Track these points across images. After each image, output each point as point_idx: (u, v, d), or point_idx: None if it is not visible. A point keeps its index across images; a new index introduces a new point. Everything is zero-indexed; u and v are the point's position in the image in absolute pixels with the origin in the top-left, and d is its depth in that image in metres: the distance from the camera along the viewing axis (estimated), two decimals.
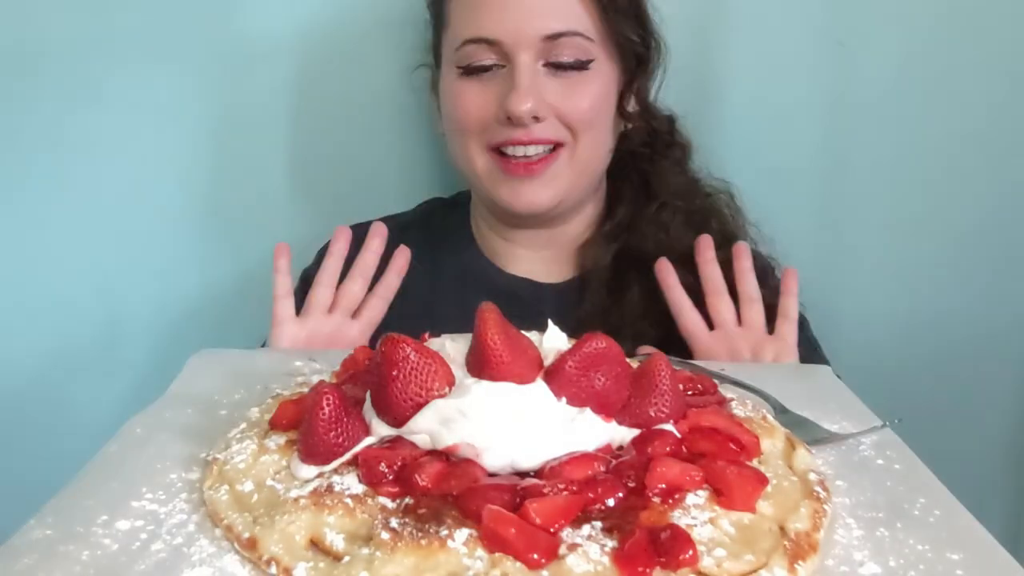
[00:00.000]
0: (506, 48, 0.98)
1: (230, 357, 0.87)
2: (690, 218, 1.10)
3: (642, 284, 1.05)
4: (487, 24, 0.98)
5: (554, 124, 1.00)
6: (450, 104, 1.04)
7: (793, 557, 0.51)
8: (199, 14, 1.15)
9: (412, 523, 0.51)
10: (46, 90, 1.16)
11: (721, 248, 1.06)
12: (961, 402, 1.24)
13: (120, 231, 1.21)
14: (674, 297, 1.02)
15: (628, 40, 1.01)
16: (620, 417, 0.62)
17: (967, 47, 1.16)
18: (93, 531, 0.54)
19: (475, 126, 1.01)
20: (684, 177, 1.13)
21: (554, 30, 0.97)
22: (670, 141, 1.12)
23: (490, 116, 1.00)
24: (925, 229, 1.22)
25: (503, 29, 0.97)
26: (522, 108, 0.96)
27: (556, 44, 0.98)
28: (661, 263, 1.04)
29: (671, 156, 1.12)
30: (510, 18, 0.97)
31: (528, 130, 0.99)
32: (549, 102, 0.99)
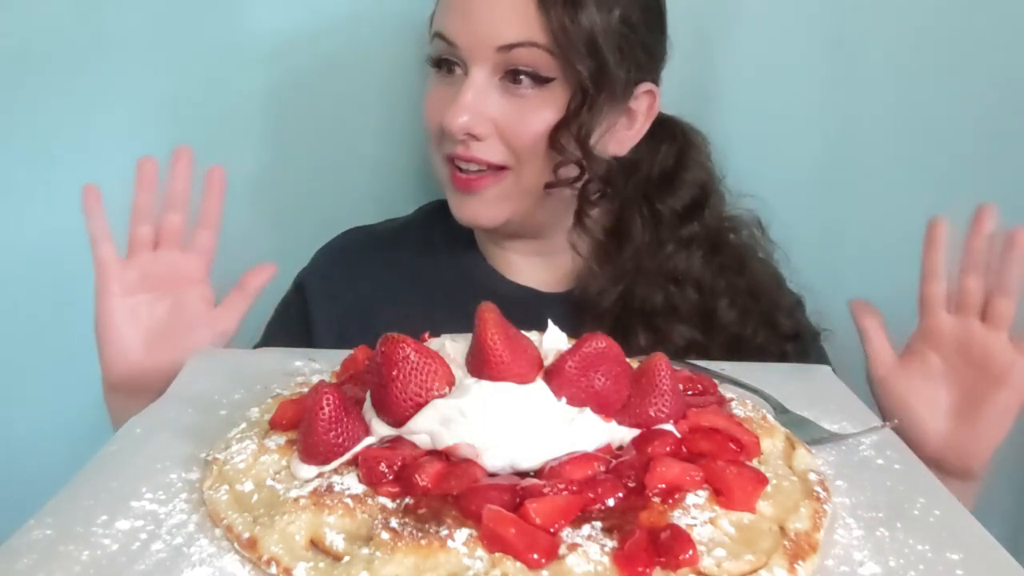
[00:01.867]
0: (463, 54, 0.94)
1: (230, 357, 0.87)
2: (708, 263, 1.04)
3: (647, 336, 1.00)
4: (449, 23, 0.95)
5: (496, 145, 0.95)
6: (425, 102, 1.02)
7: (793, 557, 0.51)
8: (199, 14, 1.15)
9: (412, 523, 0.51)
10: (35, 90, 1.15)
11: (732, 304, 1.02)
12: None
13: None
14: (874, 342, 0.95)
15: (578, 72, 0.92)
16: (620, 417, 0.62)
17: (968, 47, 1.16)
18: (93, 531, 0.54)
19: (433, 131, 0.99)
20: (701, 220, 1.05)
21: (510, 40, 0.92)
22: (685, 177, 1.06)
23: (438, 123, 0.97)
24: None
25: (460, 31, 0.94)
26: (454, 124, 0.93)
27: (512, 55, 0.92)
28: (858, 308, 0.97)
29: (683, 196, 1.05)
30: (467, 22, 0.93)
31: (467, 147, 0.95)
32: (494, 119, 0.94)
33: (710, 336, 1.02)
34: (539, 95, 0.94)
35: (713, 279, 1.04)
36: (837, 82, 1.17)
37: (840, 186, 1.21)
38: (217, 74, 1.17)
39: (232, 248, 1.22)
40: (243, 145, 1.21)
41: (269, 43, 1.17)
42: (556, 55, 0.92)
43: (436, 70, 0.99)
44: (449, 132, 0.94)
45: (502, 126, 0.95)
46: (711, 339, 1.02)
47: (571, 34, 0.91)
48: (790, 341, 1.06)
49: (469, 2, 0.94)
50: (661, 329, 1.01)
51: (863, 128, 1.18)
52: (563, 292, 1.08)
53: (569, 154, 0.95)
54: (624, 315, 1.02)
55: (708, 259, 1.05)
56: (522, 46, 0.92)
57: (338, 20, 1.17)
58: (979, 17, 1.15)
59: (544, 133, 0.95)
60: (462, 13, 0.94)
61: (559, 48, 0.91)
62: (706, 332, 1.02)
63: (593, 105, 0.93)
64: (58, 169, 1.17)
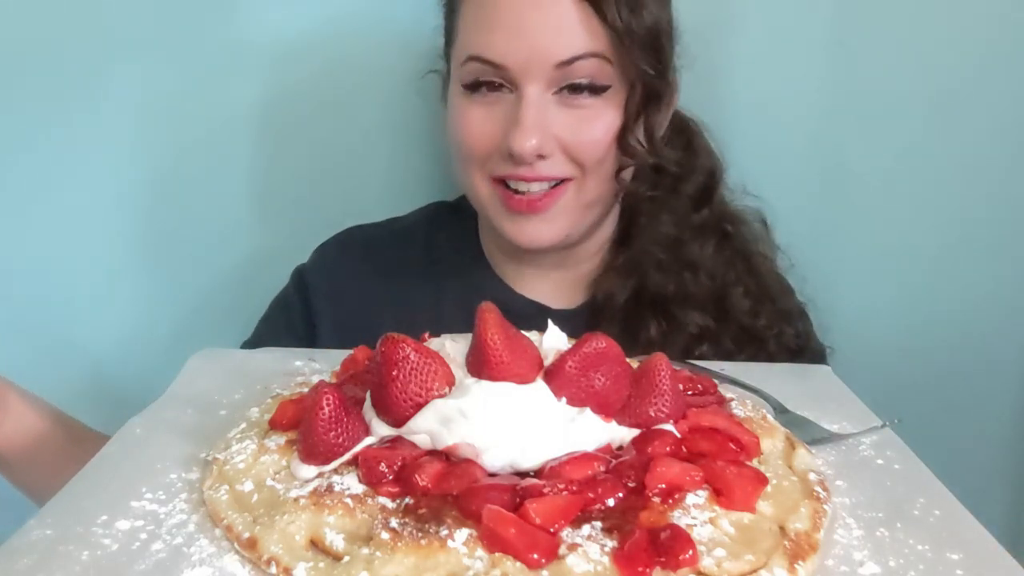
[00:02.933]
0: (513, 74, 0.90)
1: (230, 357, 0.87)
2: (721, 250, 1.04)
3: (659, 325, 0.99)
4: (495, 46, 0.90)
5: (560, 160, 0.93)
6: (454, 124, 0.97)
7: (793, 557, 0.51)
8: (199, 14, 1.15)
9: (412, 523, 0.51)
10: (27, 90, 1.15)
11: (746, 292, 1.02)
12: (961, 402, 1.24)
13: (119, 231, 1.21)
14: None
15: (643, 71, 0.90)
16: (620, 417, 0.62)
17: (969, 46, 1.16)
18: (93, 531, 0.54)
19: (478, 155, 0.95)
20: (712, 206, 1.05)
21: (568, 55, 0.88)
22: (696, 163, 1.05)
23: (493, 147, 0.93)
24: (926, 229, 1.21)
25: (511, 54, 0.89)
26: (525, 147, 0.89)
27: (570, 69, 0.89)
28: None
29: (695, 181, 1.05)
30: (520, 43, 0.88)
31: (532, 167, 0.92)
32: (556, 135, 0.91)
33: (723, 324, 1.01)
34: (596, 104, 0.92)
35: (726, 267, 1.04)
36: (837, 81, 1.17)
37: (840, 184, 1.21)
38: (218, 74, 1.17)
39: (230, 247, 1.23)
40: (241, 145, 1.21)
41: (270, 43, 1.17)
42: (615, 61, 0.90)
43: (469, 91, 0.94)
44: (519, 155, 0.90)
45: (565, 140, 0.92)
46: (724, 327, 1.01)
47: (635, 34, 0.88)
48: (796, 355, 1.05)
49: (520, 19, 0.88)
50: (674, 316, 1.00)
51: (864, 127, 1.18)
52: (574, 308, 1.06)
53: (640, 156, 0.93)
54: (635, 307, 1.01)
55: (720, 246, 1.05)
56: (581, 59, 0.89)
57: (339, 21, 1.16)
58: (979, 17, 1.15)
59: (610, 140, 0.92)
60: (510, 32, 0.89)
61: (621, 51, 0.89)
62: (719, 320, 1.01)
63: (661, 101, 0.93)
64: (59, 169, 1.17)
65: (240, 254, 1.24)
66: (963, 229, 1.21)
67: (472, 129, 0.94)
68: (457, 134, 0.96)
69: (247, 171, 1.22)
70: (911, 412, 0.74)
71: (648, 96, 0.92)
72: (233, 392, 0.76)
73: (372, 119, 1.21)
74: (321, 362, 0.84)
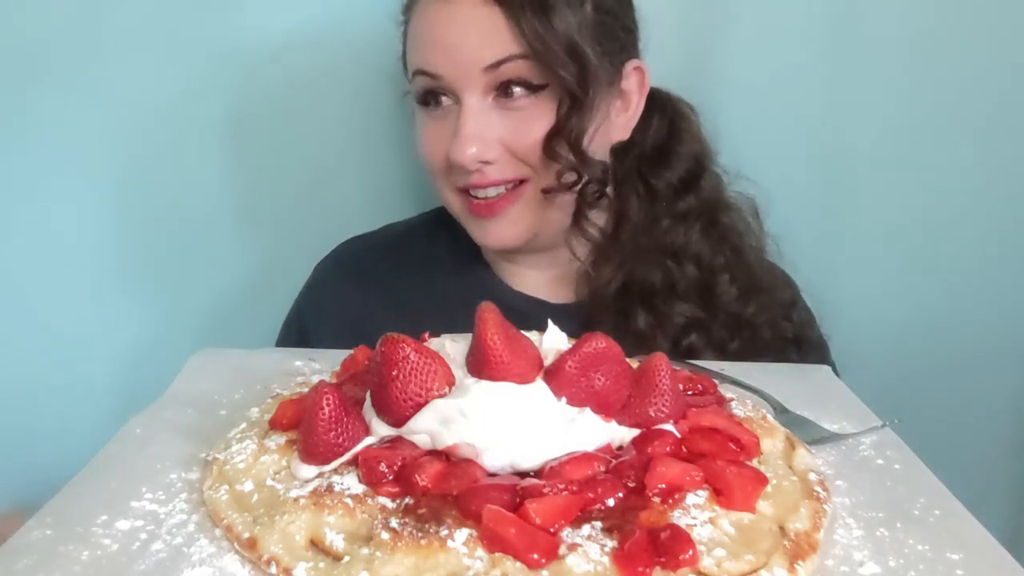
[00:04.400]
0: (450, 83, 0.93)
1: (230, 357, 0.86)
2: (707, 236, 1.03)
3: (648, 317, 1.00)
4: (429, 57, 0.94)
5: (509, 163, 0.95)
6: (417, 141, 1.01)
7: (793, 557, 0.51)
8: (194, 24, 1.15)
9: (412, 523, 0.51)
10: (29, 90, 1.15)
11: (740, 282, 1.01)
12: (961, 402, 1.24)
13: (119, 231, 1.21)
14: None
15: (561, 77, 0.90)
16: (620, 417, 0.62)
17: (969, 45, 1.16)
18: (93, 531, 0.54)
19: (437, 167, 0.98)
20: (698, 192, 1.05)
21: (493, 59, 0.91)
22: (679, 149, 1.05)
23: (443, 159, 0.96)
24: (926, 228, 1.21)
25: (443, 63, 0.93)
26: (464, 156, 0.92)
27: (499, 72, 0.91)
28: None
29: (678, 168, 1.04)
30: (449, 52, 0.92)
31: (482, 174, 0.94)
32: (500, 139, 0.93)
33: (711, 313, 1.01)
34: (536, 103, 0.93)
35: (712, 254, 1.03)
36: (837, 79, 1.17)
37: (840, 184, 1.21)
38: (212, 79, 1.17)
39: (229, 251, 1.23)
40: (239, 150, 1.21)
41: (260, 47, 1.17)
42: (541, 62, 0.91)
43: (424, 107, 0.98)
44: (460, 165, 0.93)
45: (509, 143, 0.94)
46: (712, 316, 1.01)
47: (548, 41, 0.89)
48: (793, 345, 1.05)
49: (443, 32, 0.93)
50: (660, 309, 1.00)
51: (864, 127, 1.18)
52: (572, 303, 1.07)
53: (565, 161, 0.94)
54: (624, 298, 1.01)
55: (706, 233, 1.04)
56: (506, 61, 0.91)
57: (334, 25, 1.16)
58: (980, 16, 1.15)
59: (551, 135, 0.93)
60: (439, 44, 0.93)
61: (540, 56, 0.90)
62: (707, 309, 1.01)
63: (582, 108, 0.92)
64: (51, 169, 1.17)
65: (240, 257, 1.24)
66: (965, 227, 1.21)
67: (427, 143, 0.99)
68: (419, 149, 1.01)
69: (244, 177, 1.22)
70: (911, 412, 0.74)
71: (572, 102, 0.92)
72: (233, 392, 0.76)
73: (370, 125, 1.21)
74: (321, 362, 0.84)
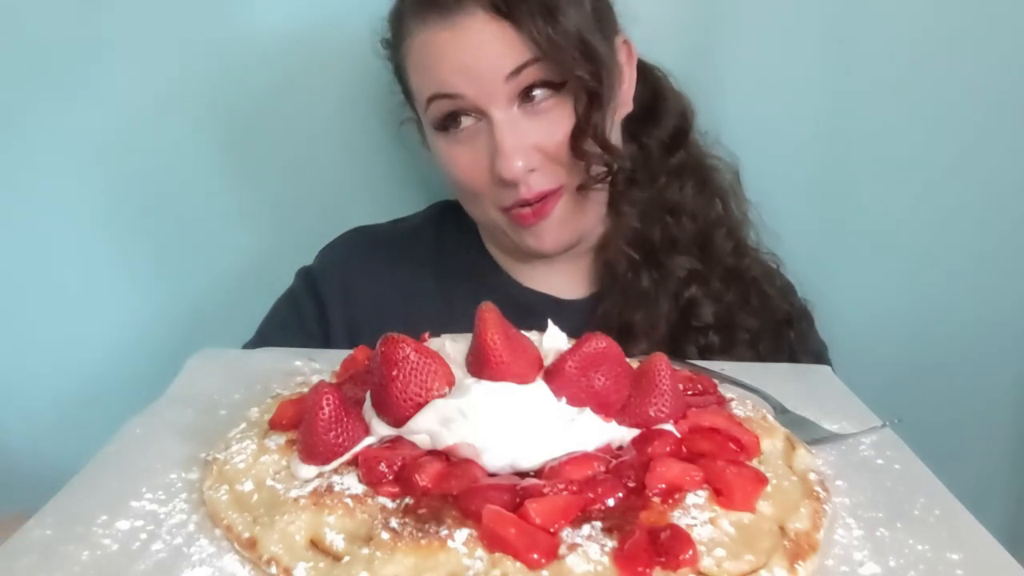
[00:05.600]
0: (473, 100, 0.93)
1: (230, 357, 0.86)
2: (700, 191, 1.05)
3: (651, 275, 1.02)
4: (444, 76, 0.93)
5: (548, 167, 0.95)
6: (445, 167, 1.00)
7: (793, 557, 0.51)
8: (199, 13, 1.15)
9: (412, 523, 0.51)
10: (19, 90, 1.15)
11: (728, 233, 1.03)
12: (961, 402, 1.24)
13: (119, 231, 1.21)
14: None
15: (577, 76, 0.91)
16: (620, 417, 0.62)
17: (969, 46, 1.15)
18: (93, 531, 0.54)
19: (480, 190, 0.98)
20: (687, 148, 1.07)
21: (513, 65, 0.91)
22: (665, 106, 1.07)
23: (487, 178, 0.96)
24: (925, 227, 1.21)
25: (463, 82, 0.92)
26: (513, 170, 0.92)
27: (520, 78, 0.91)
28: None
29: (667, 124, 1.06)
30: (466, 70, 0.91)
31: (528, 186, 0.94)
32: (536, 145, 0.94)
33: (709, 265, 1.03)
34: (559, 101, 0.94)
35: (707, 208, 1.05)
36: (838, 76, 1.17)
37: (840, 183, 1.21)
38: (212, 72, 1.17)
39: (229, 248, 1.23)
40: (239, 145, 1.20)
41: (268, 42, 1.17)
42: (556, 63, 0.91)
43: (443, 132, 0.97)
44: (511, 180, 0.93)
45: (543, 146, 0.94)
46: (711, 269, 1.03)
47: (559, 43, 0.90)
48: (787, 325, 1.07)
49: (458, 54, 0.92)
50: (663, 264, 1.02)
51: (864, 125, 1.18)
52: (583, 299, 1.08)
53: (593, 157, 0.95)
54: (629, 261, 1.02)
55: (699, 188, 1.06)
56: (526, 66, 0.91)
57: (340, 18, 1.16)
58: (980, 17, 1.15)
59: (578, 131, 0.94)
60: (456, 66, 0.92)
61: (554, 58, 0.91)
62: (705, 261, 1.03)
63: (601, 101, 0.93)
64: (45, 167, 1.17)
65: (239, 254, 1.23)
66: (965, 225, 1.21)
67: (461, 168, 0.98)
68: (451, 175, 1.00)
69: (240, 174, 1.22)
70: (911, 412, 0.74)
71: (591, 98, 0.93)
72: (233, 392, 0.76)
73: (366, 122, 1.20)
74: (321, 362, 0.83)
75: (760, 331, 1.04)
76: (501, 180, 0.94)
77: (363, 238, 1.13)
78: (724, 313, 1.02)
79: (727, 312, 1.02)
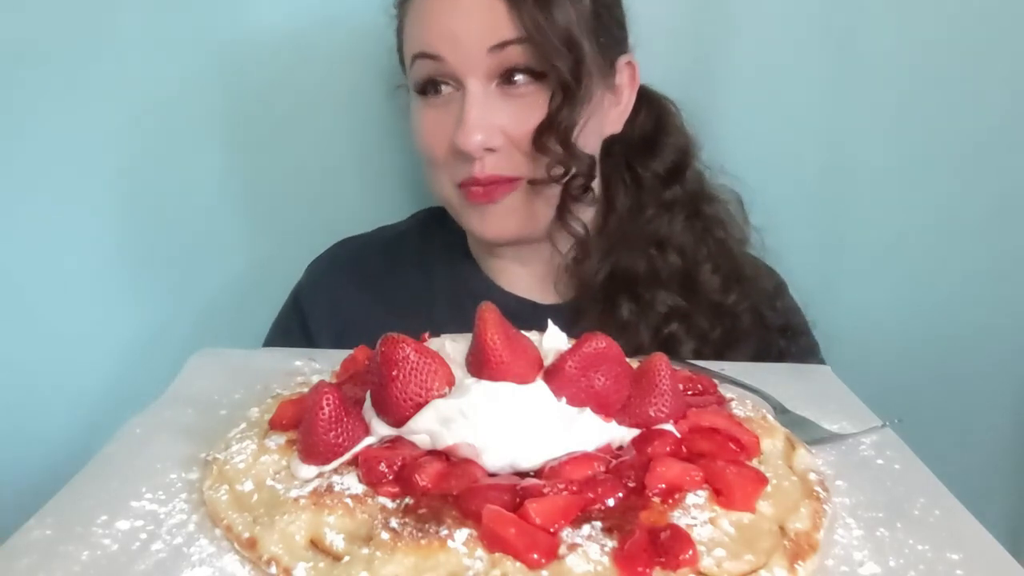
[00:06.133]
0: (452, 67, 0.92)
1: (230, 357, 0.86)
2: (691, 227, 1.04)
3: (630, 305, 1.00)
4: (430, 37, 0.93)
5: (508, 154, 0.94)
6: (414, 130, 1.00)
7: (793, 557, 0.51)
8: (192, 20, 1.15)
9: (412, 523, 0.51)
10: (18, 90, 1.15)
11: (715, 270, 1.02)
12: (961, 402, 1.24)
13: (119, 231, 1.21)
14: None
15: (555, 68, 0.90)
16: (620, 417, 0.62)
17: (969, 48, 1.15)
18: (93, 531, 0.54)
19: (437, 157, 0.97)
20: (683, 184, 1.06)
21: (497, 39, 0.90)
22: (666, 140, 1.06)
23: (447, 148, 0.95)
24: (925, 228, 1.21)
25: (446, 45, 0.92)
26: (470, 143, 0.91)
27: (504, 55, 0.91)
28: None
29: (665, 159, 1.06)
30: (452, 33, 0.91)
31: (482, 164, 0.93)
32: (502, 127, 0.93)
33: (694, 303, 1.01)
34: (538, 91, 0.93)
35: (696, 244, 1.04)
36: (837, 85, 1.17)
37: (839, 184, 1.21)
38: (208, 77, 1.17)
39: (228, 251, 1.23)
40: (234, 152, 1.20)
41: (262, 48, 1.17)
42: (539, 50, 0.91)
43: (422, 96, 0.97)
44: (466, 152, 0.92)
45: (510, 131, 0.94)
46: (695, 305, 1.01)
47: (546, 30, 0.90)
48: (780, 334, 1.06)
49: (447, 17, 0.92)
50: (643, 297, 1.00)
51: (864, 126, 1.18)
52: (561, 303, 1.07)
53: (554, 154, 0.94)
54: (609, 288, 1.02)
55: (690, 223, 1.05)
56: (512, 43, 0.91)
57: (332, 22, 1.16)
58: (982, 24, 1.15)
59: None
60: (442, 28, 0.92)
61: (538, 44, 0.90)
62: (689, 298, 1.01)
63: (574, 100, 0.92)
64: (48, 168, 1.17)
65: (237, 258, 1.23)
66: (964, 230, 1.21)
67: (426, 132, 0.98)
68: (417, 139, 1.00)
69: (242, 176, 1.21)
70: (911, 412, 0.74)
71: (565, 93, 0.92)
72: (233, 392, 0.76)
73: (368, 123, 1.20)
74: (321, 362, 0.84)
75: (751, 350, 1.02)
76: (457, 151, 0.93)
77: (348, 249, 1.14)
78: (710, 352, 0.99)
79: (713, 351, 1.00)
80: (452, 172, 0.97)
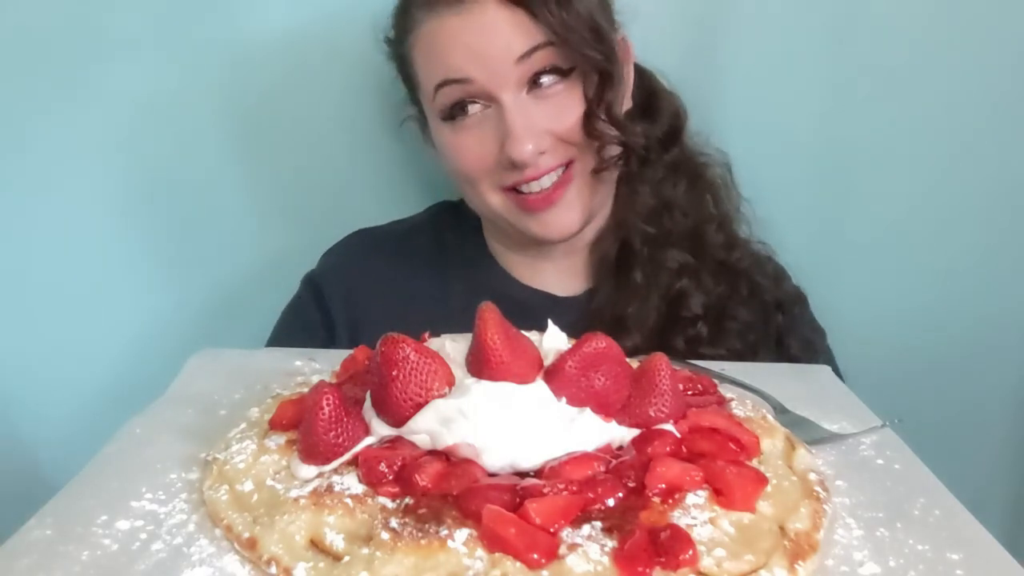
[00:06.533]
0: (483, 85, 0.93)
1: (230, 357, 0.86)
2: (693, 187, 1.07)
3: (643, 269, 1.03)
4: (454, 62, 0.93)
5: (557, 148, 0.96)
6: (449, 157, 1.00)
7: (793, 557, 0.51)
8: (201, 13, 1.15)
9: (412, 523, 0.51)
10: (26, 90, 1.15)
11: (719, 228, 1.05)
12: (961, 402, 1.24)
13: (120, 232, 1.21)
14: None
15: (589, 57, 0.93)
16: (620, 417, 0.62)
17: (969, 47, 1.15)
18: (93, 531, 0.54)
19: (480, 174, 0.98)
20: (681, 146, 1.08)
21: (524, 48, 0.92)
22: (660, 104, 1.09)
23: (492, 163, 0.96)
24: (925, 226, 1.21)
25: (473, 65, 0.92)
26: (525, 152, 0.93)
27: (531, 62, 0.92)
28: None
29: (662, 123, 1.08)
30: (477, 54, 0.92)
31: (536, 166, 0.95)
32: (546, 129, 0.95)
33: (701, 260, 1.04)
34: (568, 87, 0.95)
35: (699, 204, 1.07)
36: (838, 73, 1.17)
37: (839, 180, 1.21)
38: (217, 74, 1.17)
39: (234, 249, 1.23)
40: (244, 146, 1.20)
41: (270, 43, 1.17)
42: (568, 47, 0.93)
43: (450, 122, 0.97)
44: (520, 162, 0.94)
45: (555, 130, 0.95)
46: (702, 263, 1.04)
47: (573, 27, 0.91)
48: (777, 308, 1.07)
49: (468, 39, 0.93)
50: (655, 258, 1.03)
51: (864, 121, 1.18)
52: (579, 295, 1.08)
53: (608, 136, 0.96)
54: (622, 255, 1.04)
55: (692, 184, 1.07)
56: (540, 48, 0.92)
57: (343, 19, 1.16)
58: (982, 14, 1.14)
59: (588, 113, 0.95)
60: (466, 51, 0.93)
61: (567, 42, 0.92)
62: (696, 256, 1.04)
63: (613, 82, 0.94)
64: (53, 167, 1.17)
65: (244, 255, 1.23)
66: (965, 225, 1.21)
67: (467, 154, 0.98)
68: (455, 164, 1.00)
69: (249, 174, 1.21)
70: (911, 412, 0.74)
71: (603, 79, 0.95)
72: (233, 392, 0.76)
73: (375, 120, 1.20)
74: (321, 362, 0.84)
75: (751, 320, 1.05)
76: (511, 162, 0.95)
77: (363, 240, 1.14)
78: (713, 304, 1.03)
79: (717, 303, 1.03)
80: (498, 179, 0.98)
